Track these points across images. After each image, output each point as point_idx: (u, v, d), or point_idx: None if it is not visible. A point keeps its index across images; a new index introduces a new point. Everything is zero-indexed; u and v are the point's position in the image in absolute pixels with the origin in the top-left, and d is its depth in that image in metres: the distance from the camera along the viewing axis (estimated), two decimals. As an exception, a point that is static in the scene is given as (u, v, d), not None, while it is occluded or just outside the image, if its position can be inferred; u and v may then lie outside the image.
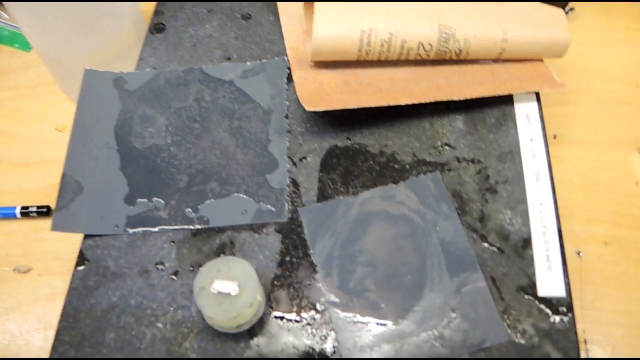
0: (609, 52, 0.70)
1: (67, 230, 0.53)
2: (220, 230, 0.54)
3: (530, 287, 0.49)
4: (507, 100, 0.58)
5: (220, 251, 0.53)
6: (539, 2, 0.59)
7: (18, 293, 0.57)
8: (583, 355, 0.49)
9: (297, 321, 0.49)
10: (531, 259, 0.50)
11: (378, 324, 0.48)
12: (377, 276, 0.50)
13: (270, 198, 0.55)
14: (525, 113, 0.57)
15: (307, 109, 0.54)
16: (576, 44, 0.68)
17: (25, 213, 0.61)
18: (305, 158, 0.58)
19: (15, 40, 0.76)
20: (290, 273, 0.51)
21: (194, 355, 0.47)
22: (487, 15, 0.57)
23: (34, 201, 0.63)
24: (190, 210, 0.55)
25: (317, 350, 0.47)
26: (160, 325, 0.50)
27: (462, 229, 0.52)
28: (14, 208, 0.61)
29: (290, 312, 0.49)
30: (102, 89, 0.61)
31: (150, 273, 0.52)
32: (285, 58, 0.62)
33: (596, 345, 0.51)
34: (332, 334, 0.48)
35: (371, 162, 0.57)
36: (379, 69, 0.59)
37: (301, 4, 0.64)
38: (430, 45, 0.56)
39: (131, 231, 0.54)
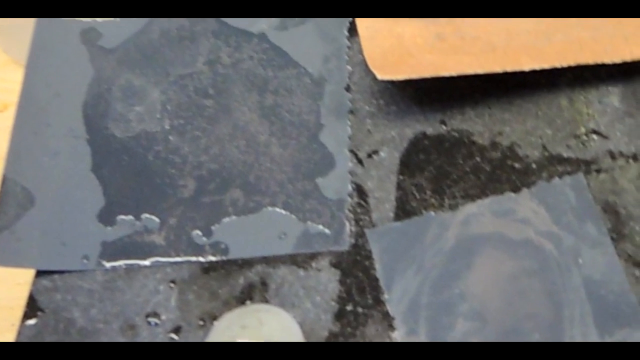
0: None
1: (9, 264, 0.51)
2: (246, 263, 0.51)
3: None
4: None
5: (246, 296, 0.50)
6: None
7: None
8: None
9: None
10: None
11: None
12: (488, 335, 0.48)
13: (323, 214, 0.52)
14: None
15: (379, 76, 0.51)
16: None
17: (-60, 238, 0.54)
18: (376, 152, 0.54)
19: None
20: (353, 330, 0.49)
21: None
22: None
23: (-45, 219, 0.55)
24: (199, 232, 0.52)
25: None
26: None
27: (617, 262, 0.49)
28: None
29: (353, 392, 0.45)
30: (63, 45, 0.58)
31: (138, 330, 0.49)
32: None
33: None
34: None
35: (478, 159, 0.53)
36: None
37: None
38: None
39: (108, 265, 0.51)
